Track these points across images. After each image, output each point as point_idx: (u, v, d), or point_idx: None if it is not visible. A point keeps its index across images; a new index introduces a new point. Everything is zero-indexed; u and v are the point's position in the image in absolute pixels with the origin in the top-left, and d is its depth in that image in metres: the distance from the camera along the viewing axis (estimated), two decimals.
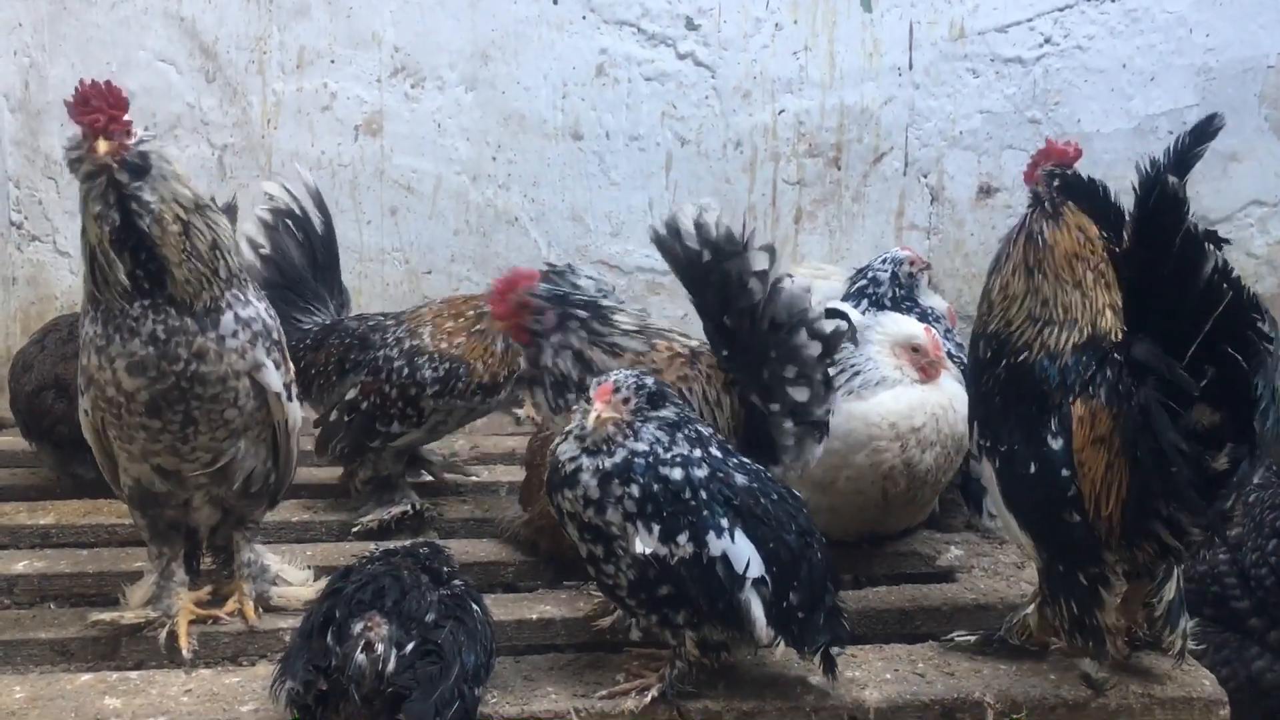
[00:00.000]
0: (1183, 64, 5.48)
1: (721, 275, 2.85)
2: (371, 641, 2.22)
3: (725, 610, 2.39)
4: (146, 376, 2.62)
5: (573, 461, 2.44)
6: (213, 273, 2.66)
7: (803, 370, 2.85)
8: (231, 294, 2.70)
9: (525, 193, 5.50)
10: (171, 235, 2.60)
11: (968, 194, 5.56)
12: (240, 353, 2.70)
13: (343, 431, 3.74)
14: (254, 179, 5.33)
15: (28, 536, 3.58)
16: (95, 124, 2.52)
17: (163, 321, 2.60)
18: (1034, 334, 2.60)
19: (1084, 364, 2.54)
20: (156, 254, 2.59)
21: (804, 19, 5.47)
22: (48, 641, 2.85)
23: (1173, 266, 2.29)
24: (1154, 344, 2.37)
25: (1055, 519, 2.54)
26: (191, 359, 2.63)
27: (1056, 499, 2.52)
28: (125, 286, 2.59)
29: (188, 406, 2.67)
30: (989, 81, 5.50)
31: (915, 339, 3.36)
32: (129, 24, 5.23)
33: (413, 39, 5.35)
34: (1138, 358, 2.40)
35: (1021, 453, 2.58)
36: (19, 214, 5.35)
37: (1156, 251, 2.33)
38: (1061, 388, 2.54)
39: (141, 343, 2.60)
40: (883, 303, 4.21)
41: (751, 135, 5.55)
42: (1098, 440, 2.48)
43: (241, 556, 2.97)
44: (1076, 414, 2.51)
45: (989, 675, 2.68)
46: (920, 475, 3.31)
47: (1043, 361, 2.57)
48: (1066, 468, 2.51)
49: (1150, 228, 2.35)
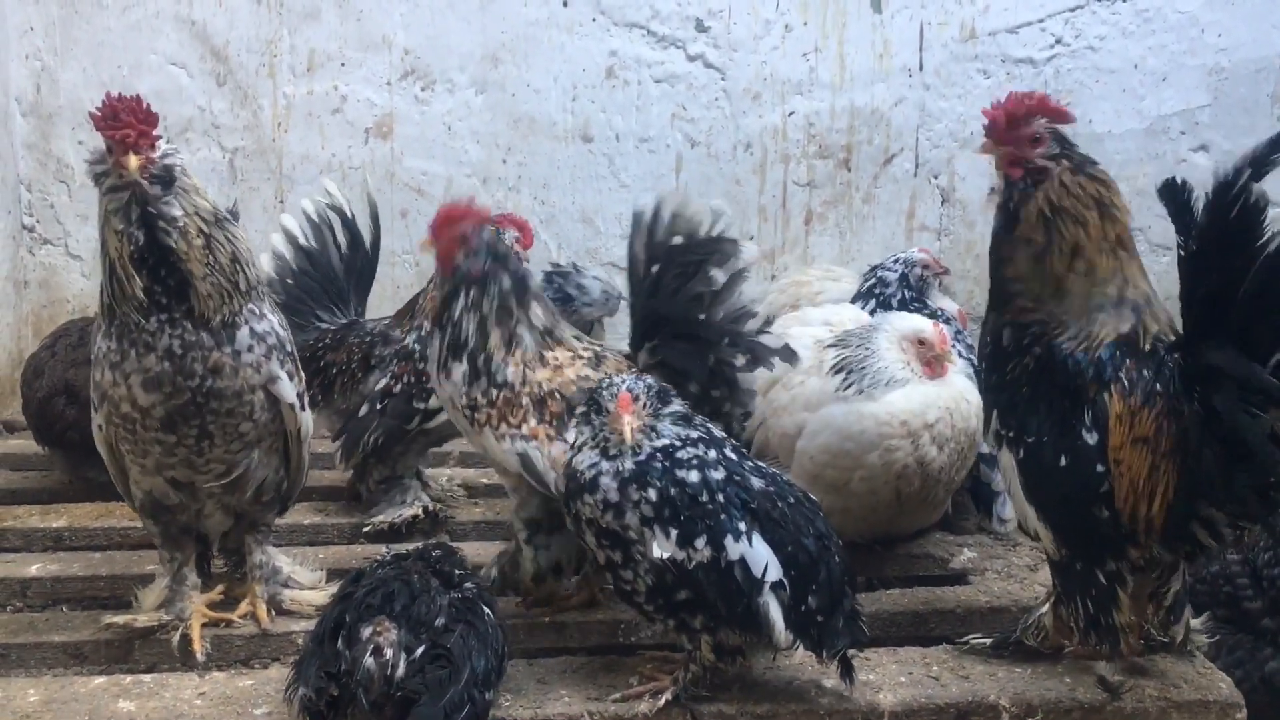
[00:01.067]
0: (1195, 64, 5.45)
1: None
2: (380, 646, 2.22)
3: (743, 614, 2.37)
4: (162, 392, 2.62)
5: (592, 468, 2.44)
6: (234, 286, 2.66)
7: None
8: (249, 308, 2.71)
9: (535, 195, 5.51)
10: (196, 249, 2.60)
11: (979, 195, 5.54)
12: (256, 367, 2.70)
13: (375, 421, 3.73)
14: (265, 182, 5.37)
15: (40, 539, 3.58)
16: (126, 139, 2.51)
17: (179, 336, 2.60)
18: (1061, 322, 2.56)
19: (1118, 359, 2.50)
20: (180, 269, 2.59)
21: (814, 20, 5.47)
22: (61, 644, 2.86)
23: (1262, 277, 2.27)
24: (1230, 350, 2.34)
25: (1084, 513, 2.52)
26: (208, 374, 2.63)
27: (1088, 493, 2.50)
28: (141, 301, 2.59)
29: (203, 421, 2.67)
30: (1000, 82, 5.48)
31: (921, 332, 3.34)
32: (140, 28, 5.25)
33: (423, 42, 5.36)
34: (1212, 362, 2.36)
35: (1051, 444, 2.55)
36: (31, 217, 5.37)
37: (1237, 259, 2.31)
38: (1097, 380, 2.51)
39: (157, 358, 2.60)
40: (890, 303, 4.20)
41: (761, 137, 5.54)
42: (1139, 440, 2.45)
43: (253, 559, 2.97)
44: (1114, 410, 2.48)
45: (1004, 678, 2.67)
46: (934, 473, 3.29)
47: (1077, 353, 2.53)
48: (1101, 463, 2.49)
49: (1230, 235, 2.32)
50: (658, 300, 2.85)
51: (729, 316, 2.83)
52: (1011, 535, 3.60)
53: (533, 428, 2.80)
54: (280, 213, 5.32)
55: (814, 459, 3.30)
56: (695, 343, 2.81)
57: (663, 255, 2.84)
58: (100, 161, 2.57)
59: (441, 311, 2.89)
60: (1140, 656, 2.69)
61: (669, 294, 2.83)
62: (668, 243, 2.83)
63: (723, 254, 2.81)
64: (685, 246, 2.83)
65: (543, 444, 2.78)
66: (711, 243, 2.83)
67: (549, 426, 2.79)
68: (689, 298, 2.81)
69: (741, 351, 2.83)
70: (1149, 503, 2.44)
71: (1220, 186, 2.34)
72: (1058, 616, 2.69)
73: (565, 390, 2.81)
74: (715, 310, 2.82)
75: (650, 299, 2.87)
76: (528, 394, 2.81)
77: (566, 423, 2.75)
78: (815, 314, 3.95)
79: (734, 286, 2.82)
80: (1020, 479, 2.63)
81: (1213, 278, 2.37)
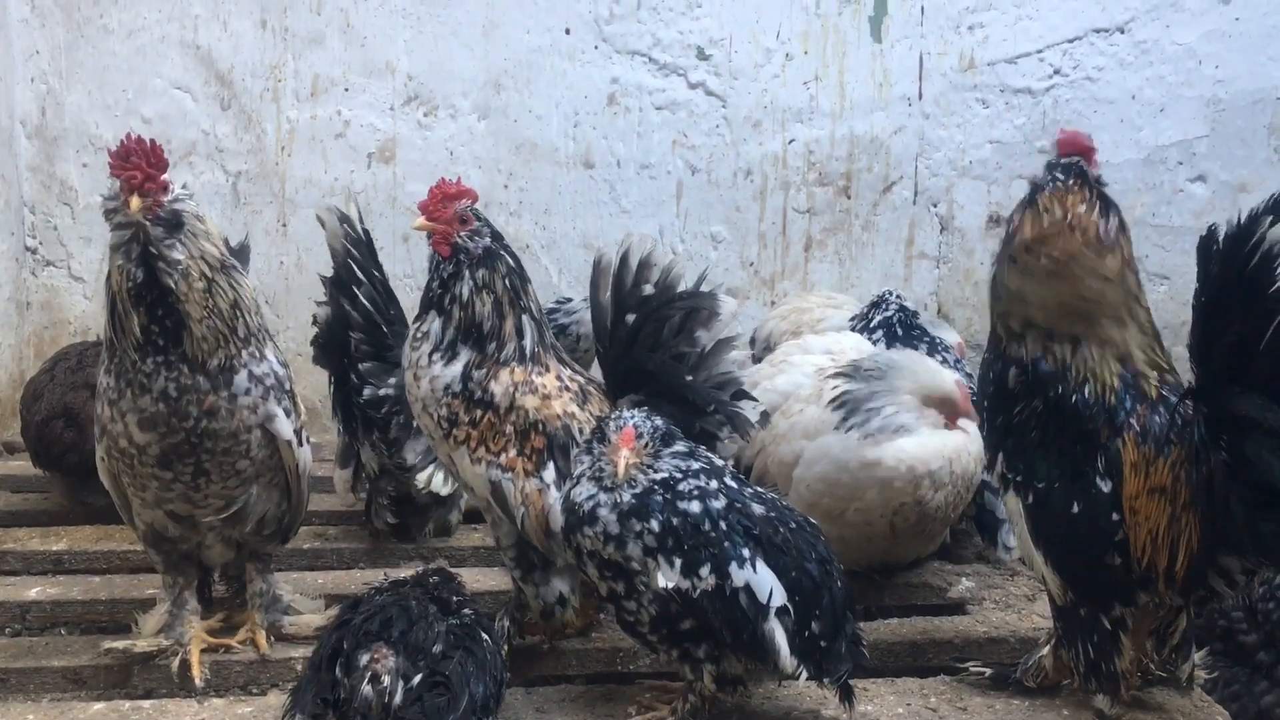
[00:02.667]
0: (1192, 95, 5.50)
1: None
2: (378, 674, 2.22)
3: (749, 641, 2.37)
4: (157, 431, 2.65)
5: (590, 499, 2.45)
6: (230, 331, 2.68)
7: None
8: (248, 352, 2.72)
9: (537, 220, 5.54)
10: (196, 292, 2.62)
11: (977, 223, 5.58)
12: (252, 408, 2.73)
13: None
14: (268, 205, 5.39)
15: (40, 562, 3.59)
16: (132, 180, 2.54)
17: (174, 379, 2.63)
18: (1072, 361, 2.53)
19: (1130, 404, 2.49)
20: (178, 309, 2.61)
21: (814, 49, 5.51)
22: (60, 669, 2.85)
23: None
24: (1260, 398, 2.32)
25: (1095, 560, 2.50)
26: (203, 416, 2.66)
27: (1100, 541, 2.49)
28: (138, 339, 2.62)
29: (198, 459, 2.70)
30: (999, 112, 5.53)
31: (947, 392, 3.27)
32: (145, 52, 5.29)
33: (426, 68, 5.40)
34: (1241, 411, 2.34)
35: (1062, 490, 2.53)
36: (34, 239, 5.39)
37: (1257, 308, 2.30)
38: (1109, 426, 2.50)
39: (152, 399, 2.63)
40: (894, 329, 4.18)
41: (762, 164, 5.58)
42: (1156, 490, 2.44)
43: (254, 587, 2.99)
44: (1129, 459, 2.47)
45: (1002, 711, 2.67)
46: (930, 512, 3.28)
47: (1087, 398, 2.51)
48: (1116, 511, 2.47)
49: (1248, 284, 2.32)
50: (636, 352, 2.80)
51: (713, 381, 2.80)
52: (1013, 564, 3.61)
53: (511, 458, 2.74)
54: (282, 236, 5.37)
55: (811, 487, 3.30)
56: (682, 406, 2.75)
57: (636, 305, 2.79)
58: (113, 198, 2.60)
59: (441, 295, 2.80)
60: (1139, 690, 2.69)
61: (647, 348, 2.79)
62: (640, 293, 2.79)
63: (707, 311, 2.78)
64: (664, 299, 2.79)
65: (518, 477, 2.74)
66: (690, 297, 2.79)
67: (528, 460, 2.74)
68: (673, 355, 2.78)
69: (724, 422, 2.79)
70: (1169, 552, 2.42)
71: (1235, 236, 2.33)
72: (1058, 658, 2.68)
73: (550, 424, 2.75)
74: (700, 373, 2.79)
75: (629, 350, 2.81)
76: (512, 422, 2.75)
77: (545, 461, 2.73)
78: (817, 342, 3.94)
79: (720, 353, 2.80)
80: (1029, 524, 2.60)
81: (1234, 327, 2.36)
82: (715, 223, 5.59)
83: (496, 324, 2.77)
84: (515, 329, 2.79)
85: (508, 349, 2.78)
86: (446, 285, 2.79)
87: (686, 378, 2.76)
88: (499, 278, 2.78)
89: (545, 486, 2.72)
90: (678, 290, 2.80)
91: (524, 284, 2.84)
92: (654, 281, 2.79)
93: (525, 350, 2.80)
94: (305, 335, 5.37)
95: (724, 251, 5.61)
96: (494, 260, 2.79)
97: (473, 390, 2.75)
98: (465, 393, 2.75)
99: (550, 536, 2.71)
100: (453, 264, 2.78)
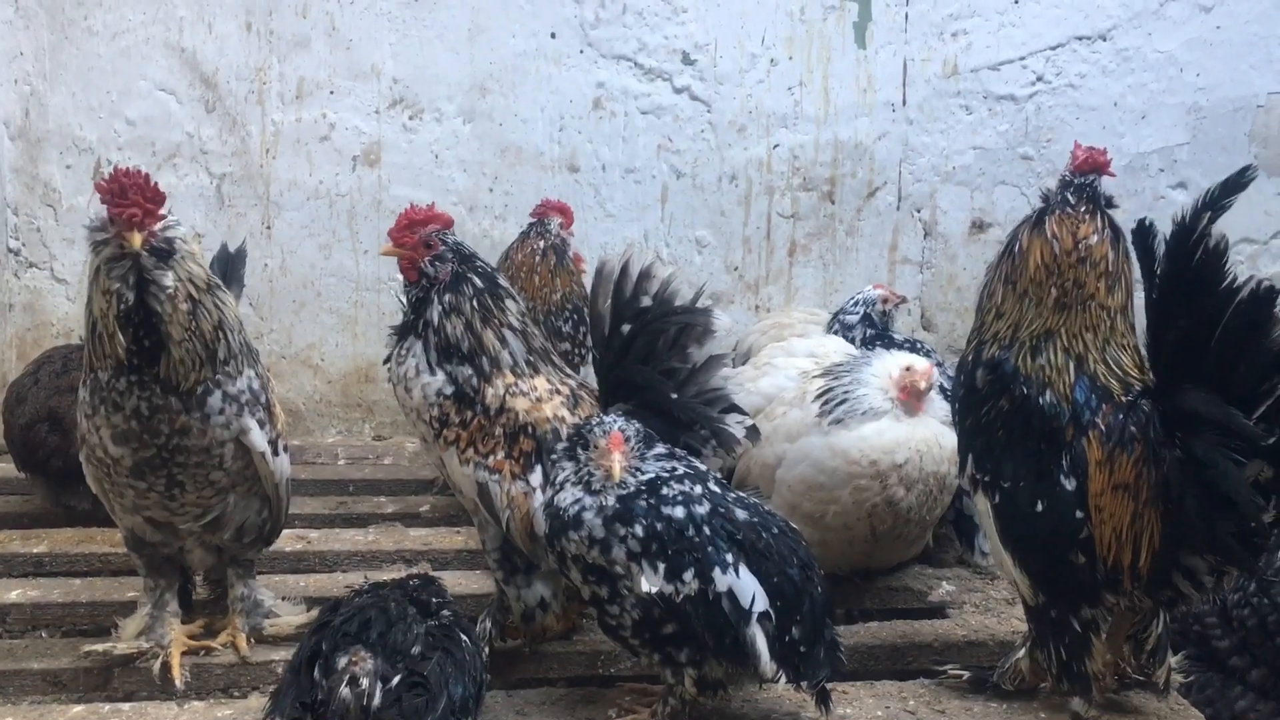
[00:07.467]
0: (1174, 103, 5.54)
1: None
2: (356, 675, 2.22)
3: (731, 646, 2.38)
4: (130, 446, 2.68)
5: (575, 503, 2.46)
6: (210, 355, 2.68)
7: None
8: (224, 372, 2.72)
9: (521, 224, 5.44)
10: (180, 314, 2.62)
11: (960, 229, 5.60)
12: (225, 425, 2.74)
13: None
14: (252, 208, 5.38)
15: (21, 565, 3.58)
16: (132, 218, 2.54)
17: (147, 399, 2.64)
18: (1034, 364, 2.55)
19: (1094, 403, 2.50)
20: (160, 329, 2.61)
21: (799, 55, 5.53)
22: (40, 672, 2.85)
23: (1234, 324, 2.28)
24: (1209, 395, 2.32)
25: (1061, 559, 2.52)
26: (174, 434, 2.68)
27: (1065, 539, 2.50)
28: (120, 360, 2.62)
29: (170, 471, 2.72)
30: (982, 118, 5.55)
31: (912, 361, 3.33)
32: (130, 54, 5.27)
33: (411, 71, 5.40)
34: (1191, 408, 2.34)
35: (1027, 490, 2.54)
36: (17, 241, 5.37)
37: (1204, 303, 2.31)
38: (1074, 425, 2.50)
39: (124, 417, 2.65)
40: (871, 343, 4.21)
41: (746, 169, 5.59)
42: (1120, 487, 2.45)
43: (235, 592, 2.99)
44: (1093, 457, 2.48)
45: (980, 714, 2.69)
46: (903, 513, 3.28)
47: (1050, 397, 2.53)
48: (1080, 509, 2.48)
49: (1194, 279, 2.32)
50: (628, 363, 2.81)
51: (701, 396, 2.81)
52: (991, 569, 3.63)
53: (498, 460, 2.77)
54: (267, 239, 5.37)
55: (792, 489, 3.32)
56: (668, 420, 2.76)
57: (633, 317, 2.80)
58: (101, 230, 2.58)
59: (415, 318, 2.84)
60: (1115, 693, 2.71)
61: (640, 359, 2.80)
62: (638, 304, 2.80)
63: (701, 328, 2.79)
64: (660, 312, 2.80)
65: (504, 479, 2.76)
66: (686, 312, 2.80)
67: (515, 463, 2.77)
68: (665, 369, 2.79)
69: (709, 438, 2.79)
70: (1133, 550, 2.43)
71: (1179, 231, 2.34)
72: (1034, 660, 2.70)
73: (540, 427, 2.78)
74: (690, 388, 2.79)
75: (621, 360, 2.82)
76: (502, 424, 2.78)
77: (533, 464, 2.75)
78: (801, 345, 3.98)
79: (711, 369, 2.81)
80: (996, 524, 2.62)
81: (1180, 323, 2.37)
82: (700, 227, 5.61)
83: (474, 342, 2.81)
84: (497, 341, 2.82)
85: (493, 361, 2.81)
86: (417, 310, 2.85)
87: (672, 395, 2.77)
88: (465, 300, 2.82)
89: (532, 490, 2.73)
90: (674, 304, 2.81)
91: (498, 300, 2.86)
92: (653, 294, 2.80)
93: (512, 360, 2.83)
94: (289, 338, 5.43)
95: (708, 256, 5.62)
96: (460, 284, 2.83)
97: (464, 391, 2.79)
98: (457, 394, 2.79)
99: (534, 540, 2.72)
100: (419, 289, 2.84)
